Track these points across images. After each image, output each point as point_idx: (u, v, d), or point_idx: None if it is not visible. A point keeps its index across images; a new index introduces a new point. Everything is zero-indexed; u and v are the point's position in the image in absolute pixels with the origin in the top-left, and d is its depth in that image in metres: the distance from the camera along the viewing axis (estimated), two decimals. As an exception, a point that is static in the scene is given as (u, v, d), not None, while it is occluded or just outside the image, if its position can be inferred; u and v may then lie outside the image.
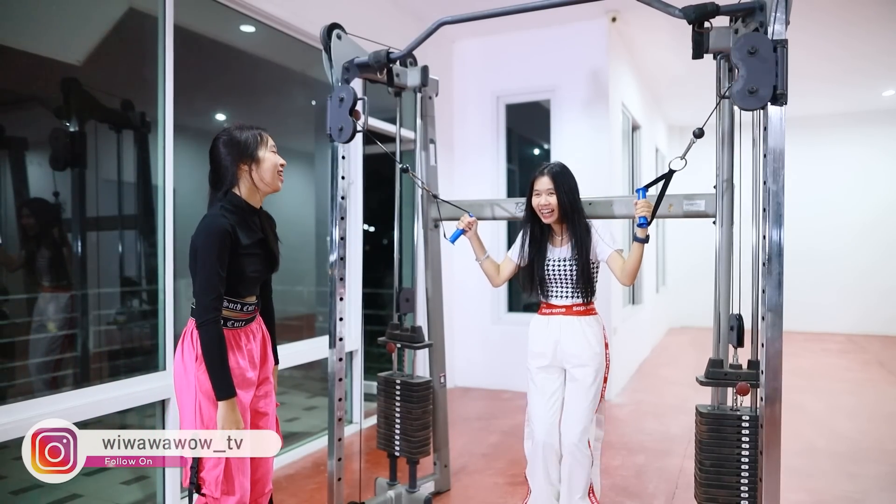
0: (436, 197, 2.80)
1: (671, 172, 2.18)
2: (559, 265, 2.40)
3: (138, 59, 3.08)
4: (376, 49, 2.52)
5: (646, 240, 2.25)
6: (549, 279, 2.43)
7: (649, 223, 2.23)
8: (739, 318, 2.16)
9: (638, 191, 2.23)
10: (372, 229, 5.78)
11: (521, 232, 2.51)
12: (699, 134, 2.05)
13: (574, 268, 2.37)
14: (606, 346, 2.45)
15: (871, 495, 3.18)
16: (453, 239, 2.54)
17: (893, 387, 5.67)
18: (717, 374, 2.14)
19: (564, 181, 2.37)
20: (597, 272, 2.45)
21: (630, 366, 6.19)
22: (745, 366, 2.11)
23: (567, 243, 2.41)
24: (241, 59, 3.96)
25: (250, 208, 1.92)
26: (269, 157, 1.92)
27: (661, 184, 2.26)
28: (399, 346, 2.85)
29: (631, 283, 2.35)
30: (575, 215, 2.38)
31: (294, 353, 3.84)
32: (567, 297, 2.42)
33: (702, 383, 2.17)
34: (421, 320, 3.07)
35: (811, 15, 5.01)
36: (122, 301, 3.23)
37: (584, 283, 2.39)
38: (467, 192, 5.59)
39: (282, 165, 1.96)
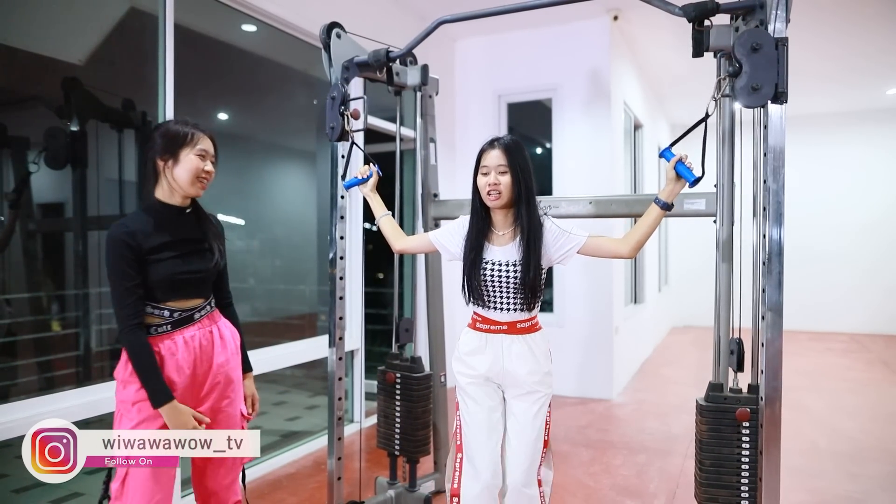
0: (354, 144, 2.43)
1: (707, 116, 1.87)
2: (499, 269, 1.94)
3: (140, 58, 3.09)
4: (377, 48, 2.51)
5: (671, 207, 1.91)
6: (486, 286, 1.96)
7: (700, 179, 1.86)
8: (739, 342, 2.15)
9: (663, 153, 1.90)
10: (375, 228, 5.77)
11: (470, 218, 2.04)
12: (734, 73, 1.82)
13: (518, 273, 1.90)
14: (550, 364, 2.09)
15: (872, 495, 3.17)
16: (347, 186, 2.34)
17: (897, 386, 5.65)
18: (717, 399, 2.13)
19: (519, 158, 1.94)
20: (543, 280, 1.99)
21: (632, 365, 6.18)
22: (745, 389, 2.10)
23: (512, 241, 1.95)
24: (242, 59, 3.96)
25: (169, 208, 1.81)
26: (190, 159, 1.78)
27: (693, 135, 1.97)
28: (398, 376, 2.81)
29: (634, 254, 1.96)
30: (527, 204, 1.92)
31: (295, 353, 3.85)
32: (507, 309, 1.96)
33: (701, 407, 2.16)
34: (421, 317, 3.06)
35: (811, 13, 5.00)
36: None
37: (530, 292, 1.93)
38: (468, 190, 5.57)
39: (206, 173, 1.83)
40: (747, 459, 2.09)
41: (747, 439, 2.09)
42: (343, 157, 2.49)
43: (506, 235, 1.97)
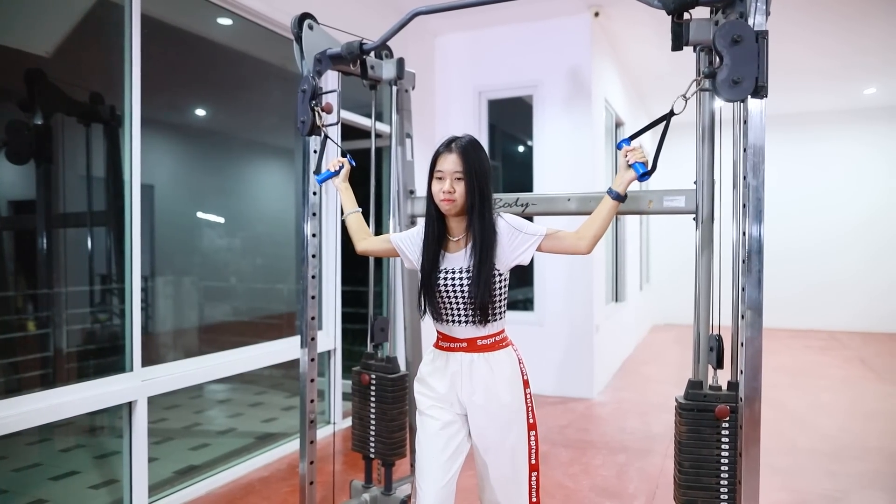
0: (327, 137, 2.32)
1: (671, 114, 1.79)
2: (452, 278, 1.78)
3: (109, 50, 2.99)
4: (351, 40, 2.44)
5: (624, 198, 1.82)
6: (441, 297, 1.80)
7: (650, 173, 1.75)
8: (719, 339, 2.12)
9: (621, 143, 1.80)
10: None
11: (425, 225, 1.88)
12: (709, 74, 1.75)
13: (470, 282, 1.75)
14: (527, 384, 1.88)
15: (851, 494, 3.17)
16: (320, 179, 2.23)
17: (874, 384, 5.69)
18: (696, 396, 2.09)
19: (477, 162, 1.77)
20: (504, 287, 1.83)
21: (613, 364, 6.17)
22: (724, 387, 2.07)
23: (464, 248, 1.80)
24: (220, 54, 3.88)
25: None
26: None
27: (657, 133, 1.87)
28: (373, 377, 2.74)
29: (591, 248, 1.79)
30: (481, 210, 1.76)
31: (272, 353, 3.77)
32: (464, 322, 1.80)
33: (681, 405, 2.12)
34: (398, 314, 2.99)
35: (786, 13, 5.00)
36: (92, 300, 3.14)
37: (486, 303, 1.76)
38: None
39: None
40: (727, 460, 2.07)
41: (727, 440, 2.07)
42: (315, 151, 2.42)
43: (459, 241, 1.83)
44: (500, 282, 1.80)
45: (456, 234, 1.84)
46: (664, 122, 1.81)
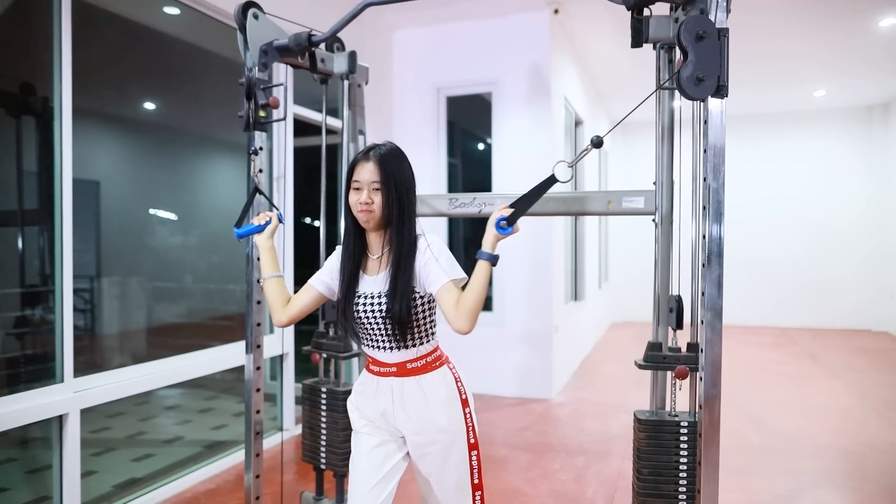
0: (257, 189, 2.21)
1: (552, 180, 1.66)
2: (371, 302, 1.64)
3: (39, 38, 2.79)
4: (300, 31, 2.32)
5: (494, 259, 1.62)
6: (360, 322, 1.66)
7: (511, 223, 1.63)
8: (679, 299, 2.08)
9: (498, 221, 1.66)
10: (317, 224, 5.56)
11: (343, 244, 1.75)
12: (597, 142, 1.67)
13: (387, 304, 1.61)
14: (465, 402, 1.72)
15: (804, 493, 3.19)
16: (240, 234, 1.90)
17: (824, 380, 5.81)
18: (655, 358, 2.05)
19: (397, 172, 1.66)
20: (428, 308, 1.68)
21: (572, 363, 6.16)
22: (684, 349, 2.03)
23: (384, 269, 1.67)
24: (168, 45, 3.69)
25: None
26: None
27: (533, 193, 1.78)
28: (325, 356, 2.65)
29: (469, 328, 1.56)
30: (400, 225, 1.64)
31: (220, 358, 3.61)
32: (393, 348, 1.66)
33: (640, 367, 2.08)
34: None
35: (736, 15, 5.05)
36: (23, 304, 2.94)
37: (407, 328, 1.63)
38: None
39: None
40: (685, 467, 2.03)
41: (685, 446, 2.03)
42: (260, 149, 2.28)
43: (379, 259, 1.69)
44: (422, 304, 1.66)
45: (375, 251, 1.70)
46: (543, 186, 1.68)
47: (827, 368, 6.32)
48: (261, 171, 2.27)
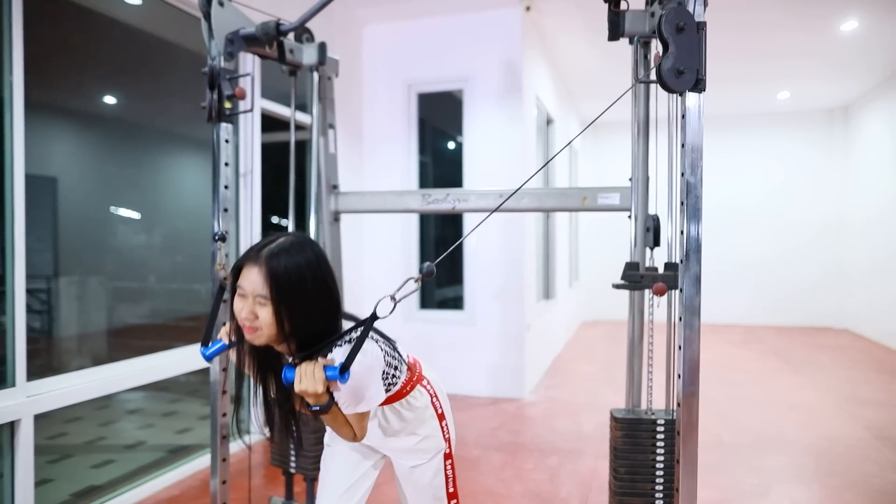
0: (223, 289, 1.65)
1: (374, 318, 1.28)
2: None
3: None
4: (267, 20, 2.24)
5: (325, 408, 1.30)
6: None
7: (343, 371, 1.26)
8: (656, 218, 2.06)
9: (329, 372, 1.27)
10: (286, 223, 5.44)
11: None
12: (427, 272, 1.30)
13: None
14: (441, 416, 1.66)
15: (773, 488, 3.22)
16: (208, 355, 1.54)
17: (790, 376, 5.92)
18: (633, 277, 2.01)
19: (294, 279, 1.28)
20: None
21: (544, 362, 6.15)
22: (661, 269, 2.01)
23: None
24: (131, 36, 3.54)
25: None
26: None
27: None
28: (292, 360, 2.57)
29: (359, 438, 1.44)
30: (306, 346, 1.33)
31: (182, 360, 3.49)
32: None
33: (616, 286, 2.05)
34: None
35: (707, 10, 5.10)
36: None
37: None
38: (376, 183, 5.35)
39: None
40: (662, 466, 2.01)
41: (662, 445, 2.01)
42: (227, 141, 2.20)
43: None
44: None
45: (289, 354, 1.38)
46: (367, 325, 1.30)
47: (791, 365, 6.44)
48: (227, 164, 2.18)
